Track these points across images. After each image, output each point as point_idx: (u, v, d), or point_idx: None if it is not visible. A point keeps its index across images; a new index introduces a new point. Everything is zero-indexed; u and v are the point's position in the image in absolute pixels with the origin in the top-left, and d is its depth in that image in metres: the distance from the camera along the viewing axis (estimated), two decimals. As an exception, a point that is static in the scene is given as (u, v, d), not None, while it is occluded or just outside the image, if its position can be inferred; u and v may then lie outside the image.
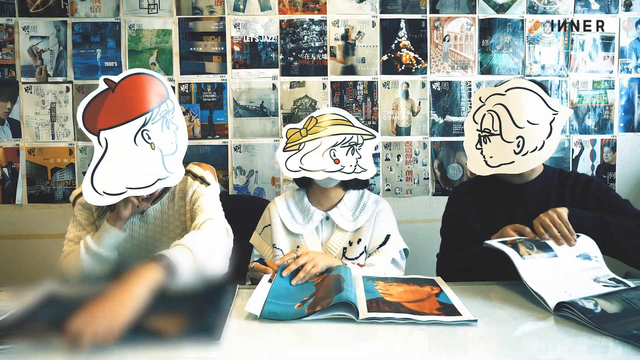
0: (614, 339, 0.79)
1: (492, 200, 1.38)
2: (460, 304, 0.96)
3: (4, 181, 2.18)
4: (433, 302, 0.97)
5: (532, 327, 0.86)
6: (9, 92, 2.17)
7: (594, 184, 1.31)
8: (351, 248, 1.38)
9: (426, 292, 1.04)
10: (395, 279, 1.14)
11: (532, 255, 1.03)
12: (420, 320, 0.87)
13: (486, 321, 0.89)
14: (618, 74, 2.29)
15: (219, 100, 2.21)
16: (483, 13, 2.25)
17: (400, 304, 0.95)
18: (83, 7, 2.16)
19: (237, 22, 2.20)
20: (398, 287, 1.07)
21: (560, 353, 0.78)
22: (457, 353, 0.76)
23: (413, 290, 1.05)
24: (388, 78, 2.25)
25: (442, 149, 2.27)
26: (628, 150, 2.30)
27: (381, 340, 0.82)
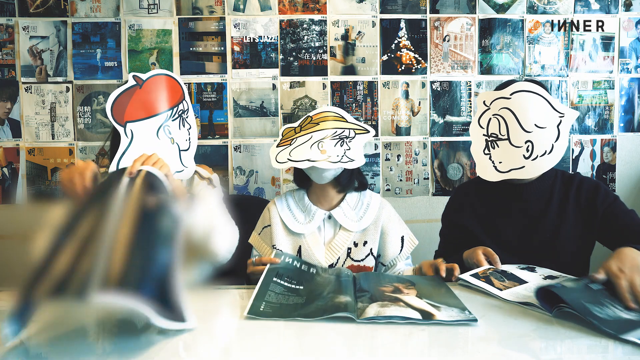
0: (614, 340, 0.79)
1: (492, 201, 1.38)
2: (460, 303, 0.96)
3: (4, 181, 2.18)
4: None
5: (532, 327, 0.86)
6: (9, 92, 2.17)
7: (601, 191, 1.29)
8: (356, 249, 1.38)
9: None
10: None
11: (507, 288, 1.06)
12: (420, 320, 0.87)
13: (486, 321, 0.89)
14: (618, 74, 2.29)
15: (219, 100, 2.21)
16: (483, 13, 2.25)
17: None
18: (83, 7, 2.17)
19: (237, 22, 2.20)
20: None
21: (560, 353, 0.78)
22: (457, 353, 0.76)
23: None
24: (388, 78, 2.25)
25: (442, 149, 2.27)
26: (628, 150, 2.30)
27: (381, 340, 0.81)
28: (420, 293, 1.00)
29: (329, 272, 1.15)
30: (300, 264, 1.18)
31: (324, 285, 1.05)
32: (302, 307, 0.93)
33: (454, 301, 0.96)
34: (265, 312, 0.91)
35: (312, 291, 1.03)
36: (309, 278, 1.11)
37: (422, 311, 0.90)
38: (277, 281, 1.07)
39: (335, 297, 0.95)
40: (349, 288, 1.01)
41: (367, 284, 1.07)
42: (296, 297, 1.00)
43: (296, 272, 1.14)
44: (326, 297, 0.97)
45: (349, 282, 1.06)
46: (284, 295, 1.00)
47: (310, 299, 0.97)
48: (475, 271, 1.14)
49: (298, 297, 1.00)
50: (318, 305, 0.92)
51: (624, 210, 1.27)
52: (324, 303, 0.93)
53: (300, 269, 1.16)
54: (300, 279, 1.10)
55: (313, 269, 1.16)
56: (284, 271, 1.13)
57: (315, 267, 1.17)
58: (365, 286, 1.05)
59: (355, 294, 0.99)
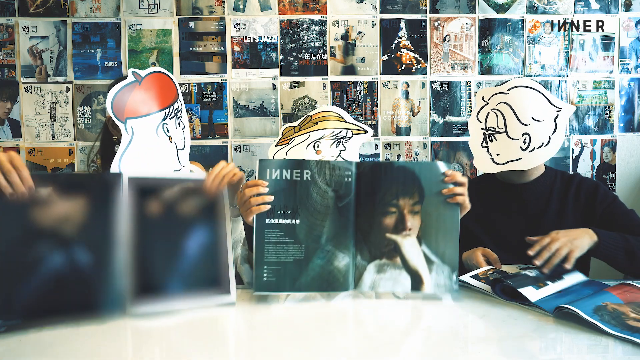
0: (614, 339, 0.79)
1: (491, 200, 1.38)
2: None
3: (4, 181, 2.18)
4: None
5: (532, 327, 0.86)
6: (9, 92, 2.17)
7: (601, 190, 1.30)
8: None
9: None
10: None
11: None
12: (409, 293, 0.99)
13: (486, 321, 0.89)
14: (618, 74, 2.29)
15: (219, 100, 2.21)
16: (483, 13, 2.25)
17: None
18: (83, 7, 2.16)
19: (237, 22, 2.20)
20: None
21: (560, 353, 0.78)
22: (457, 353, 0.76)
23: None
24: (388, 78, 2.25)
25: (442, 149, 2.27)
26: (628, 150, 2.30)
27: (380, 340, 0.81)
28: (423, 231, 1.02)
29: (326, 177, 1.03)
30: (290, 171, 1.03)
31: (322, 216, 1.01)
32: (303, 270, 0.99)
33: (450, 253, 1.02)
34: (270, 283, 0.98)
35: (310, 230, 1.00)
36: (304, 195, 1.02)
37: (414, 274, 1.01)
38: (271, 222, 1.01)
39: (334, 257, 1.00)
40: (349, 227, 1.02)
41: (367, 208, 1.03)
42: (295, 246, 1.00)
43: (288, 189, 1.03)
44: (324, 248, 1.00)
45: (350, 206, 1.02)
46: (282, 246, 1.00)
47: (309, 251, 1.00)
48: (475, 272, 1.14)
49: (297, 246, 1.00)
50: (316, 272, 0.99)
51: (624, 210, 1.27)
52: (322, 267, 0.99)
53: (292, 181, 1.03)
54: (295, 202, 1.02)
55: (307, 173, 1.03)
56: (276, 194, 1.02)
57: (310, 169, 1.03)
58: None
59: (355, 238, 1.02)
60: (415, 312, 0.97)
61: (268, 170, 1.03)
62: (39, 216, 0.88)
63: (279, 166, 1.03)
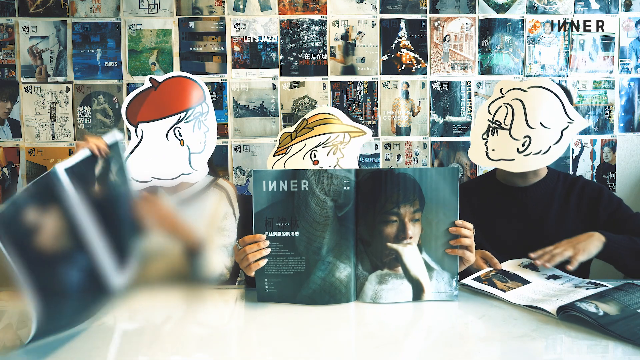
0: (614, 339, 0.79)
1: (491, 202, 1.37)
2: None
3: (4, 181, 2.18)
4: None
5: (532, 327, 0.86)
6: (9, 92, 2.17)
7: (605, 195, 1.28)
8: None
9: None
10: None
11: (511, 289, 1.05)
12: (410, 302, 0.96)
13: (486, 321, 0.89)
14: (618, 74, 2.29)
15: (219, 100, 2.21)
16: (483, 13, 2.25)
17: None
18: (83, 7, 2.16)
19: (237, 22, 2.20)
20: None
21: (560, 353, 0.78)
22: (457, 353, 0.76)
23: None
24: (388, 78, 2.25)
25: (442, 149, 2.27)
26: (628, 150, 2.30)
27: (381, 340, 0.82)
28: (424, 238, 1.00)
29: (324, 187, 0.99)
30: (287, 181, 1.00)
31: (322, 227, 0.98)
32: (304, 282, 0.98)
33: (449, 259, 1.01)
34: (272, 294, 0.99)
35: (310, 241, 0.98)
36: (303, 206, 0.99)
37: (416, 283, 1.00)
38: (270, 235, 0.99)
39: (335, 269, 0.99)
40: (350, 236, 0.99)
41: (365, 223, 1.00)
42: (295, 258, 0.99)
43: (286, 200, 0.99)
44: (325, 259, 0.98)
45: (350, 215, 0.99)
46: (282, 259, 0.99)
47: (310, 263, 0.98)
48: (476, 275, 1.13)
49: (297, 258, 0.99)
50: (318, 284, 0.98)
51: (630, 214, 1.26)
52: (323, 279, 0.98)
53: (289, 192, 0.99)
54: (293, 214, 0.99)
55: (304, 183, 0.99)
56: (273, 206, 0.99)
57: (307, 179, 0.99)
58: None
59: (356, 248, 1.00)
60: (416, 312, 0.97)
61: (264, 182, 1.00)
62: (45, 240, 0.87)
63: (275, 177, 0.99)
